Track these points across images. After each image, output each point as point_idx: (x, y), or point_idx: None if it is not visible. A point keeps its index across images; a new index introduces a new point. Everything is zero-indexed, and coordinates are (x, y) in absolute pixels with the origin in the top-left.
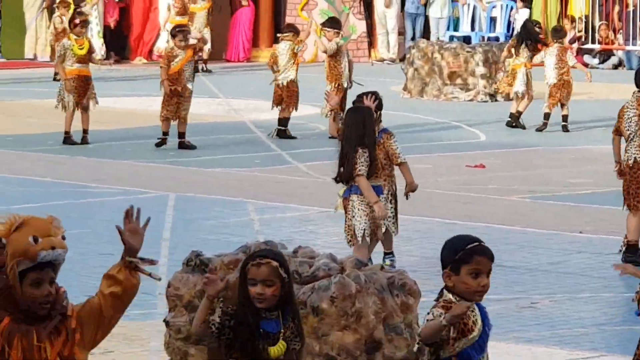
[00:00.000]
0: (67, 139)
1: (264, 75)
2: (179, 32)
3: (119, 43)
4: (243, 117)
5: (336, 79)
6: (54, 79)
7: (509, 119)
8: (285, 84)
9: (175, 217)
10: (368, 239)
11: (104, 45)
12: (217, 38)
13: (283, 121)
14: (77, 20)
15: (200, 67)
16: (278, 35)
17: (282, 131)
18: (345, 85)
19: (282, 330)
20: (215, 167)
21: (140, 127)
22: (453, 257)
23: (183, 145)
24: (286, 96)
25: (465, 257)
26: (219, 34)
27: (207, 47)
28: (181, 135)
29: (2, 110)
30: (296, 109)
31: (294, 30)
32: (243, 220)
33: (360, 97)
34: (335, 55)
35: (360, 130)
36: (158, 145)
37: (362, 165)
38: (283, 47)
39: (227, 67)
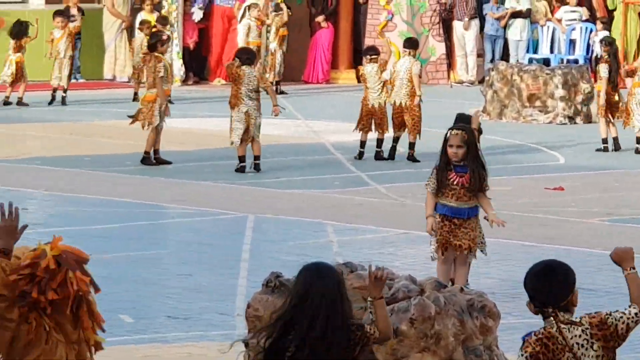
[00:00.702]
0: (147, 159)
1: (343, 96)
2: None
3: (198, 64)
4: (322, 139)
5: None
6: (134, 99)
7: None
8: (376, 106)
9: (254, 239)
10: (445, 255)
11: (183, 66)
12: (296, 59)
13: (380, 142)
14: (164, 37)
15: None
16: (368, 56)
17: (378, 153)
18: (389, 103)
19: None
20: (294, 189)
21: (219, 148)
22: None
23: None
24: (379, 118)
25: None
26: (297, 56)
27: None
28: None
29: (81, 131)
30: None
31: (377, 52)
32: (322, 241)
33: (459, 118)
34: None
35: (440, 151)
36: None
37: (429, 182)
38: (370, 69)
39: (305, 89)
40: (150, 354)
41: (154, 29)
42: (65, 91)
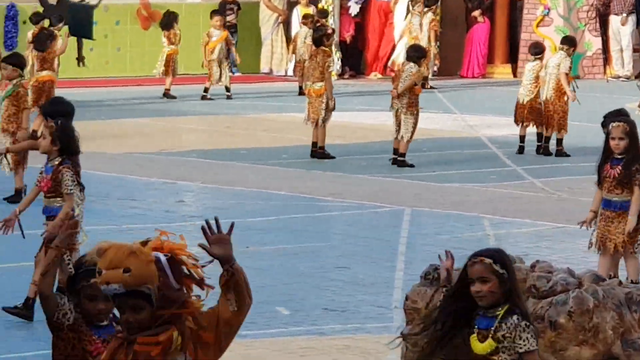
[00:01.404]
0: (323, 154)
1: (499, 91)
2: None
3: (354, 58)
4: (478, 133)
5: None
6: (300, 94)
7: None
8: (526, 102)
9: (411, 232)
10: (603, 249)
11: (340, 60)
12: (452, 54)
13: (538, 137)
14: (329, 31)
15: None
16: (531, 54)
17: (545, 148)
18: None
19: (493, 329)
20: (450, 182)
21: (376, 142)
22: None
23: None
24: (529, 113)
25: None
26: (453, 50)
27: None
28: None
29: (238, 124)
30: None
31: (541, 49)
32: (478, 235)
33: (606, 117)
34: None
35: (603, 144)
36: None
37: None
38: (529, 67)
39: (461, 83)
40: (307, 346)
41: (318, 23)
42: (227, 89)
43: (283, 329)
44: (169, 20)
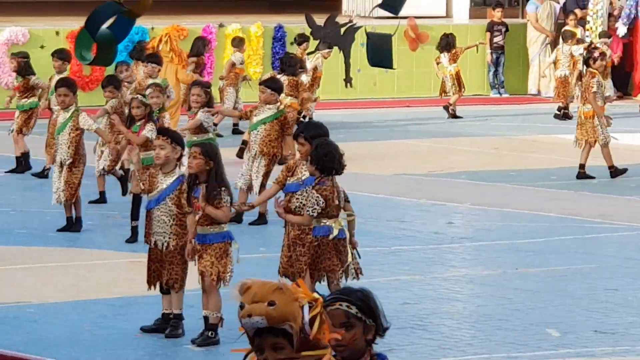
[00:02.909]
0: (616, 172)
1: None
2: None
3: (622, 79)
4: None
5: None
6: (561, 116)
7: None
8: None
9: None
10: None
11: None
12: None
13: None
14: (596, 54)
15: None
16: None
17: None
18: None
19: None
20: None
21: None
22: None
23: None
24: None
25: None
26: None
27: None
28: None
29: (506, 146)
30: None
31: None
32: None
33: None
34: None
35: None
36: None
37: None
38: None
39: None
40: None
41: (592, 45)
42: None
43: (553, 350)
44: (447, 42)
